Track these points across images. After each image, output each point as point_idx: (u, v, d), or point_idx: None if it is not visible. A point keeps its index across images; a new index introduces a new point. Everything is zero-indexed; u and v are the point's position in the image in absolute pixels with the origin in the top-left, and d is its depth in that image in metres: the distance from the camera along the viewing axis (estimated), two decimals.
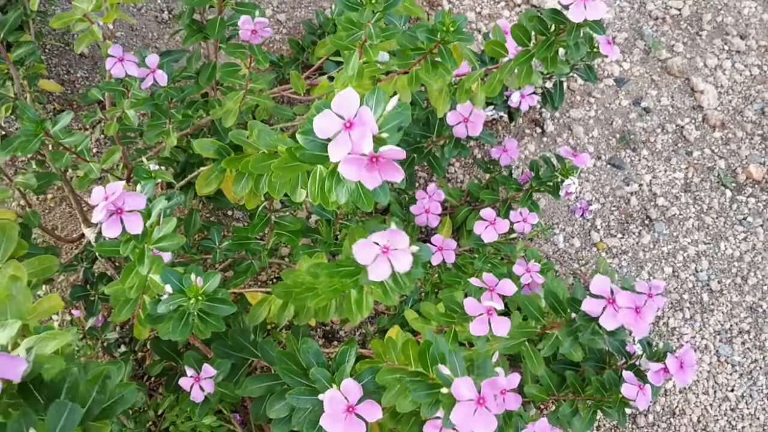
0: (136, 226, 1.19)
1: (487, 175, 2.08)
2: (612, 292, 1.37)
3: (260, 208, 1.67)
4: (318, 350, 1.25)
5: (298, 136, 0.93)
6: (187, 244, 1.74)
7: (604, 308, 1.29)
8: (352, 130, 0.84)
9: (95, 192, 1.21)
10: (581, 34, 1.44)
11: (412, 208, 1.92)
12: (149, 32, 2.38)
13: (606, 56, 2.11)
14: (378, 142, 0.86)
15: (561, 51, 1.50)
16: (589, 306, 1.30)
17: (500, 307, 1.40)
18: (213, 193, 1.68)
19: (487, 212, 1.71)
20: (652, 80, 2.43)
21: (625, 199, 2.18)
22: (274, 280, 2.01)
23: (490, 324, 1.38)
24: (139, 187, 1.26)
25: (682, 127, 2.33)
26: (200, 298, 1.23)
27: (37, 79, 1.95)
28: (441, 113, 1.70)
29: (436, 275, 1.81)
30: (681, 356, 1.45)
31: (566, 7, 1.37)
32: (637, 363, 1.59)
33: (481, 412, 0.96)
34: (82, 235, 2.03)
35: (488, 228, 1.69)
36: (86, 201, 2.12)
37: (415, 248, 1.04)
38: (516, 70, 1.56)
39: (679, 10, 2.60)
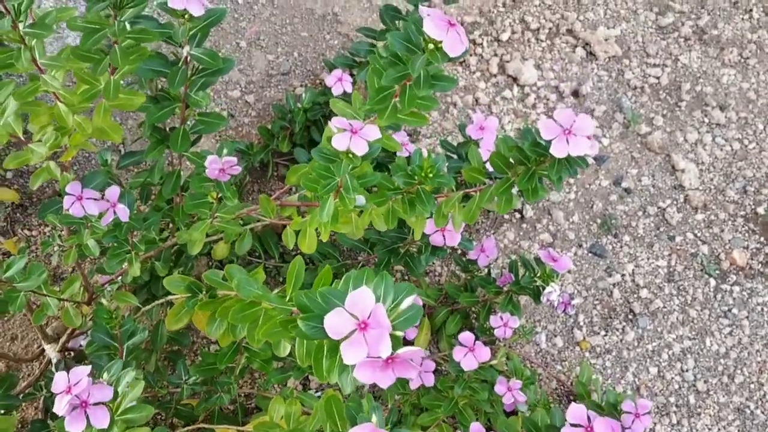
0: (102, 421, 1.13)
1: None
2: (589, 419, 1.36)
3: None
4: None
5: (299, 322, 0.87)
6: (152, 378, 1.65)
7: None
8: (367, 331, 0.79)
9: (58, 379, 1.16)
10: (564, 168, 1.38)
11: None
12: None
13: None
14: (394, 340, 0.81)
15: None
16: None
17: None
18: None
19: (466, 337, 1.64)
20: (633, 157, 2.38)
21: (607, 291, 2.13)
22: (245, 397, 1.92)
23: None
24: (105, 374, 1.19)
25: (664, 209, 2.28)
26: None
27: None
28: (418, 236, 1.63)
29: (415, 396, 1.74)
30: None
31: (548, 142, 1.31)
32: None
33: None
34: (43, 351, 1.93)
35: (468, 355, 1.63)
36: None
37: None
38: (496, 198, 1.50)
39: (658, 78, 2.55)
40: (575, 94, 2.53)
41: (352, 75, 2.19)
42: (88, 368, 1.16)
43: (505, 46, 2.62)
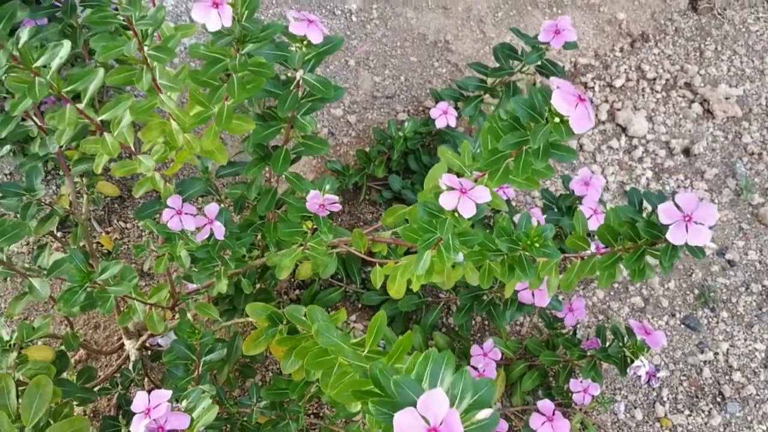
0: None
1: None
2: None
3: None
4: None
5: (370, 405, 0.84)
6: (221, 392, 1.66)
7: None
8: None
9: (138, 399, 1.18)
10: (677, 255, 1.30)
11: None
12: None
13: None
14: None
15: None
16: None
17: None
18: None
19: (546, 406, 1.57)
20: (741, 228, 2.25)
21: (697, 368, 2.02)
22: (310, 424, 1.91)
23: None
24: (184, 403, 1.19)
25: None
26: None
27: (95, 182, 1.90)
28: (509, 294, 1.58)
29: None
30: None
31: (665, 226, 1.24)
32: None
33: None
34: (122, 345, 1.97)
35: (545, 425, 1.56)
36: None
37: None
38: (598, 272, 1.43)
39: None
40: (686, 152, 2.41)
41: (457, 108, 2.15)
42: (168, 393, 1.16)
43: (618, 93, 2.52)
